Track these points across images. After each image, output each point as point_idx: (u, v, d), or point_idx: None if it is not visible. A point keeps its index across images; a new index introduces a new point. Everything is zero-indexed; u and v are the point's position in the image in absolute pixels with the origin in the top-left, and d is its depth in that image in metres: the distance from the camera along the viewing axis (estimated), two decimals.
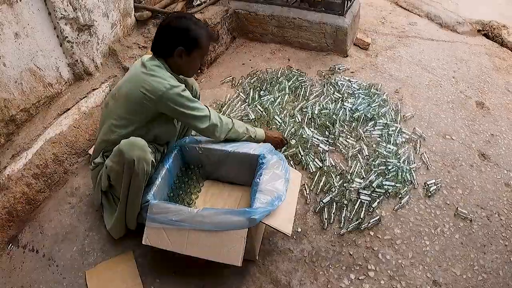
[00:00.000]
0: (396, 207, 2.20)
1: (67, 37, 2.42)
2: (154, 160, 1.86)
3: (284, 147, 2.45)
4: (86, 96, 2.57)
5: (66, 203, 2.32)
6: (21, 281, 1.98)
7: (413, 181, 2.33)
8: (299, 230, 2.11)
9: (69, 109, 2.48)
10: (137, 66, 1.88)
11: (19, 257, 2.09)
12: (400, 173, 2.34)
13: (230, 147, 2.07)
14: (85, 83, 2.64)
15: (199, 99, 2.23)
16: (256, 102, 2.85)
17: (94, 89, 2.62)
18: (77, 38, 2.49)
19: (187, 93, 1.88)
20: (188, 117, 1.90)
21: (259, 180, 1.86)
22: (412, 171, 2.38)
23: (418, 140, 2.59)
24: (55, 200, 2.33)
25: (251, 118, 2.72)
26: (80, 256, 2.06)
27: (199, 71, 3.23)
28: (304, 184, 2.31)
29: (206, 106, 1.97)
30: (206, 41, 1.91)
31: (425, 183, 2.33)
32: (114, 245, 2.08)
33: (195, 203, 2.11)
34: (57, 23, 2.35)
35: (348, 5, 3.25)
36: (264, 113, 2.77)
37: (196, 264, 1.89)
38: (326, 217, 2.14)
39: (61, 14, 2.34)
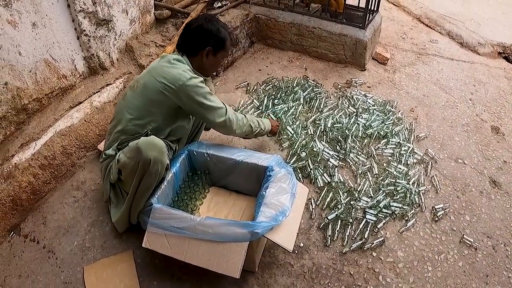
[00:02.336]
0: (401, 230, 2.16)
1: (84, 30, 2.42)
2: (169, 164, 1.89)
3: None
4: (99, 91, 2.56)
5: (71, 196, 2.32)
6: (20, 270, 1.99)
7: (421, 204, 2.29)
8: (302, 245, 2.08)
9: (81, 103, 2.48)
10: (158, 60, 1.99)
11: (19, 246, 2.09)
12: (409, 195, 2.30)
13: (239, 156, 2.06)
14: (99, 77, 2.63)
15: None
16: (269, 110, 2.83)
17: (108, 84, 2.62)
18: (94, 32, 2.49)
19: (206, 86, 1.95)
20: (207, 109, 1.94)
21: (265, 193, 1.83)
22: (421, 194, 2.33)
23: (430, 162, 2.54)
24: (60, 193, 2.34)
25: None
26: (80, 251, 2.06)
27: (215, 73, 3.23)
28: (311, 199, 2.28)
29: (222, 102, 2.03)
30: (230, 44, 2.07)
31: (433, 207, 2.28)
32: (114, 243, 2.08)
33: (199, 209, 2.09)
34: (76, 15, 2.35)
35: (370, 18, 3.20)
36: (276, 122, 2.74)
37: (194, 271, 1.87)
38: (329, 234, 2.11)
39: (80, 7, 2.34)
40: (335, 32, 3.20)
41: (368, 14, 3.14)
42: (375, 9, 3.27)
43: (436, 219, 2.23)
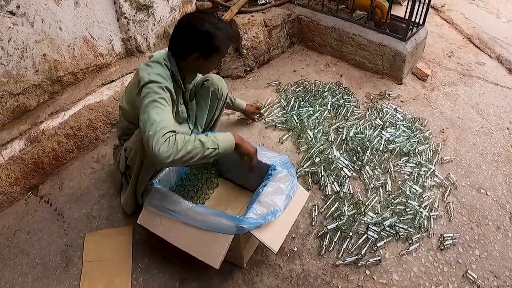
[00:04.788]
0: (402, 252, 2.06)
1: (124, 13, 2.55)
2: None
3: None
4: (132, 72, 2.69)
5: (90, 167, 2.46)
6: (29, 227, 2.16)
7: (429, 229, 2.18)
8: (295, 249, 2.06)
9: (113, 81, 2.62)
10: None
11: (34, 205, 2.27)
12: (418, 218, 2.20)
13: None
14: (134, 59, 2.77)
15: (224, 101, 2.30)
16: (294, 112, 2.82)
17: None
18: (134, 16, 2.62)
19: (161, 97, 1.67)
20: (142, 116, 1.64)
21: (261, 191, 1.84)
22: (432, 219, 2.22)
23: (449, 188, 2.40)
24: (80, 162, 2.49)
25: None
26: (86, 218, 2.19)
27: (249, 68, 3.25)
28: (315, 205, 2.25)
29: (170, 130, 1.59)
30: (226, 45, 1.83)
31: (441, 234, 2.15)
32: (119, 217, 2.19)
33: (201, 198, 2.14)
34: None
35: (413, 31, 3.08)
36: (298, 124, 2.73)
37: (185, 256, 1.90)
38: (326, 243, 2.07)
39: None
40: (375, 41, 3.11)
41: (412, 27, 3.02)
42: (421, 22, 3.13)
43: (442, 247, 2.11)
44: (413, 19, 3.00)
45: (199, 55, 1.77)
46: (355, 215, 2.20)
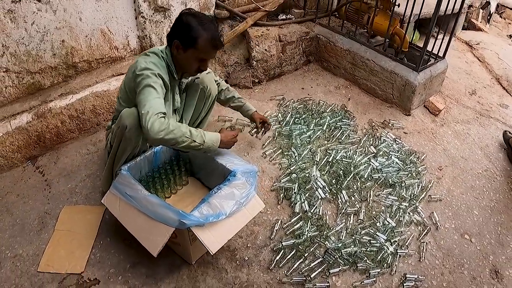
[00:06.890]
0: (355, 284, 1.99)
1: (142, 12, 2.75)
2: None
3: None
4: None
5: (86, 149, 2.66)
6: (20, 191, 2.38)
7: (392, 266, 2.07)
8: (246, 258, 2.08)
9: (122, 74, 2.80)
10: None
11: (29, 173, 2.49)
12: (382, 253, 2.11)
13: (213, 154, 2.15)
14: None
15: (212, 101, 2.42)
16: (287, 128, 2.84)
17: None
18: (151, 16, 2.80)
19: (155, 82, 1.87)
20: (138, 99, 1.86)
21: (214, 193, 1.89)
22: (399, 256, 2.12)
23: (429, 227, 2.28)
24: (79, 143, 2.70)
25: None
26: (69, 193, 2.37)
27: (257, 80, 3.31)
28: (280, 220, 2.25)
29: (163, 112, 1.82)
30: (204, 44, 1.92)
31: (404, 274, 2.05)
32: (96, 197, 2.35)
33: (167, 191, 2.23)
34: None
35: (429, 63, 2.97)
36: (283, 140, 2.75)
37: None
38: (277, 258, 2.06)
39: None
40: (387, 68, 3.04)
41: (428, 58, 2.92)
42: (441, 55, 3.01)
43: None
44: (434, 52, 2.90)
45: (178, 44, 1.94)
46: (316, 238, 2.17)
